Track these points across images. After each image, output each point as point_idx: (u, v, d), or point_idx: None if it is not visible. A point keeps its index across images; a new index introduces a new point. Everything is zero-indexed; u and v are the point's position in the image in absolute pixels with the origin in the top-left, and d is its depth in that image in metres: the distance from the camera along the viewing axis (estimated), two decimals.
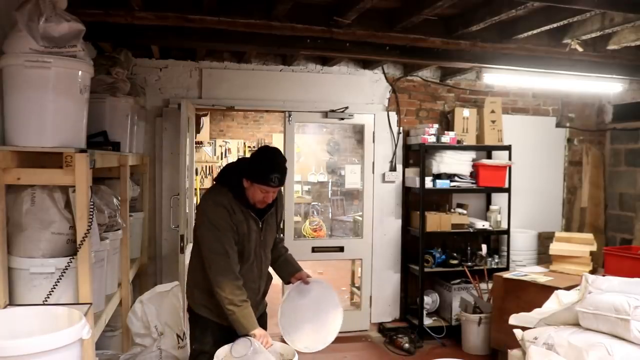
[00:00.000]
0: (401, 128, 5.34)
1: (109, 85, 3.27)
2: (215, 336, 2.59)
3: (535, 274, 4.34)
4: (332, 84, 5.17)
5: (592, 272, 4.09)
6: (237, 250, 2.51)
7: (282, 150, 5.06)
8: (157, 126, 4.76)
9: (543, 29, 3.55)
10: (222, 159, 10.02)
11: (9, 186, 2.12)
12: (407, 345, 4.71)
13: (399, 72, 5.34)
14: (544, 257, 5.16)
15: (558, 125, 5.77)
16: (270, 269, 2.85)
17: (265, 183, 2.43)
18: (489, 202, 5.47)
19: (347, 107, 5.16)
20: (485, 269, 4.93)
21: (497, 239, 5.48)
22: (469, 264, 5.09)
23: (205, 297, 2.59)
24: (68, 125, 2.19)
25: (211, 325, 2.62)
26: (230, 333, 2.52)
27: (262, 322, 2.77)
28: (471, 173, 5.17)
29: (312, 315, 2.70)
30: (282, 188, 2.74)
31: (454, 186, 5.09)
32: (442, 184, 5.03)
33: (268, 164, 2.46)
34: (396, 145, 5.31)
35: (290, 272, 2.80)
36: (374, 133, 5.29)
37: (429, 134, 4.99)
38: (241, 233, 2.53)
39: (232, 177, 2.56)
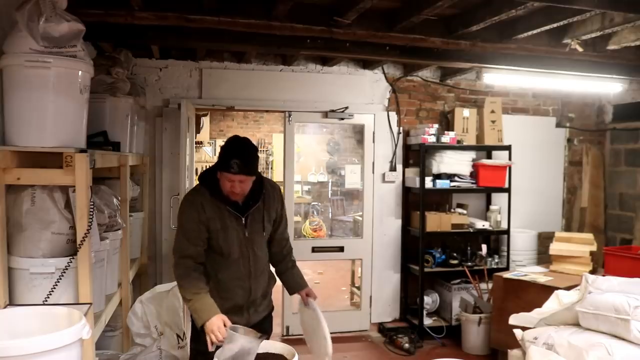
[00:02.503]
0: (401, 128, 5.34)
1: (109, 85, 3.27)
2: None
3: (535, 274, 4.34)
4: (332, 84, 5.17)
5: (592, 272, 4.09)
6: (204, 248, 2.49)
7: (282, 150, 5.08)
8: (157, 126, 4.76)
9: (543, 29, 3.55)
10: None
11: (9, 186, 2.12)
12: (407, 345, 4.71)
13: (399, 72, 5.34)
14: (544, 257, 5.15)
15: (558, 125, 5.77)
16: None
17: (226, 169, 2.38)
18: (489, 202, 5.47)
19: (347, 107, 5.16)
20: (485, 269, 4.92)
21: (497, 239, 5.48)
22: (469, 264, 5.08)
23: None
24: (68, 125, 2.19)
25: None
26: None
27: (267, 325, 2.70)
28: (471, 173, 5.17)
29: (311, 335, 2.69)
30: (282, 187, 2.72)
31: (454, 186, 5.09)
32: (442, 184, 5.03)
33: (229, 150, 2.43)
34: (396, 145, 5.31)
35: (293, 288, 2.76)
36: (374, 133, 5.29)
37: (429, 134, 4.99)
38: (213, 230, 2.48)
39: (209, 173, 2.55)
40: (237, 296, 2.54)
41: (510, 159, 5.21)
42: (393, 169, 5.31)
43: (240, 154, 2.42)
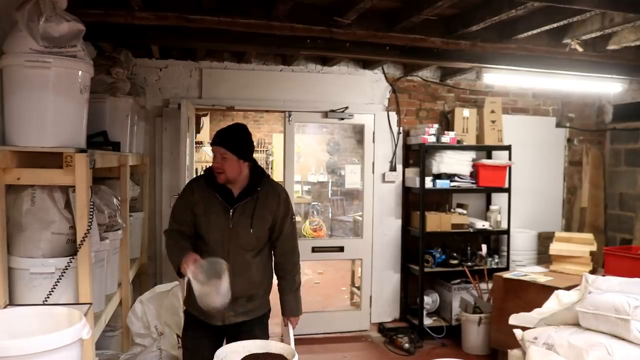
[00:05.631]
0: (401, 128, 5.34)
1: (109, 85, 3.27)
2: (194, 331, 2.60)
3: (535, 274, 4.34)
4: (332, 84, 5.17)
5: (592, 272, 4.09)
6: (189, 230, 2.58)
7: (282, 150, 5.06)
8: (157, 126, 4.76)
9: (543, 29, 3.55)
10: None
11: (9, 186, 2.12)
12: (407, 345, 4.71)
13: (399, 72, 5.34)
14: (544, 257, 5.15)
15: (558, 125, 5.77)
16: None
17: (211, 141, 2.53)
18: (489, 202, 5.47)
19: (347, 107, 5.16)
20: (485, 269, 4.92)
21: (497, 239, 5.48)
22: (469, 264, 5.08)
23: (186, 288, 2.63)
24: (68, 125, 2.19)
25: (191, 319, 2.62)
26: (211, 330, 2.53)
27: (257, 331, 2.59)
28: (471, 173, 5.17)
29: None
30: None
31: (454, 186, 5.09)
32: (442, 184, 5.03)
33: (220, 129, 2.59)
34: (396, 145, 5.31)
35: (285, 312, 2.71)
36: (374, 133, 5.29)
37: (429, 134, 4.99)
38: (197, 214, 2.54)
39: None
40: None
41: (510, 159, 5.21)
42: (393, 169, 5.31)
43: (223, 130, 2.54)
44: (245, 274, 2.56)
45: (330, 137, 9.43)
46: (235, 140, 2.50)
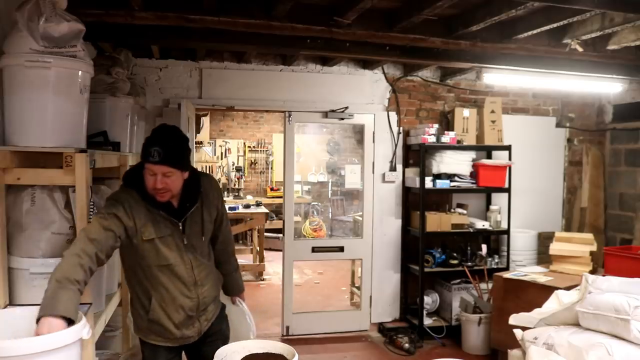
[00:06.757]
0: (401, 128, 5.34)
1: (109, 85, 3.27)
2: (167, 355, 2.43)
3: (535, 274, 4.34)
4: (332, 84, 5.17)
5: (592, 272, 4.09)
6: (110, 246, 2.09)
7: (282, 150, 5.07)
8: None
9: (543, 29, 3.55)
10: (222, 159, 10.03)
11: (9, 186, 2.12)
12: (407, 345, 4.71)
13: (399, 72, 5.34)
14: (544, 257, 5.15)
15: (558, 125, 5.77)
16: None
17: (146, 159, 2.12)
18: (489, 202, 5.47)
19: (347, 107, 5.16)
20: (485, 269, 4.92)
21: (497, 239, 5.48)
22: (469, 264, 5.08)
23: (136, 316, 2.41)
24: (68, 125, 2.20)
25: (156, 348, 2.42)
26: (182, 348, 2.48)
27: (224, 327, 2.59)
28: (471, 173, 5.16)
29: (237, 325, 2.76)
30: (282, 187, 2.68)
31: (454, 186, 5.09)
32: (442, 184, 5.03)
33: (150, 138, 2.17)
34: (396, 145, 5.31)
35: (233, 291, 2.71)
36: (374, 133, 5.29)
37: (429, 134, 4.99)
38: (148, 239, 2.20)
39: (136, 172, 2.25)
40: (185, 308, 2.33)
41: (510, 159, 5.20)
42: (393, 169, 5.31)
43: (160, 141, 2.14)
44: (210, 282, 2.45)
45: (330, 137, 9.42)
46: (178, 154, 2.19)
